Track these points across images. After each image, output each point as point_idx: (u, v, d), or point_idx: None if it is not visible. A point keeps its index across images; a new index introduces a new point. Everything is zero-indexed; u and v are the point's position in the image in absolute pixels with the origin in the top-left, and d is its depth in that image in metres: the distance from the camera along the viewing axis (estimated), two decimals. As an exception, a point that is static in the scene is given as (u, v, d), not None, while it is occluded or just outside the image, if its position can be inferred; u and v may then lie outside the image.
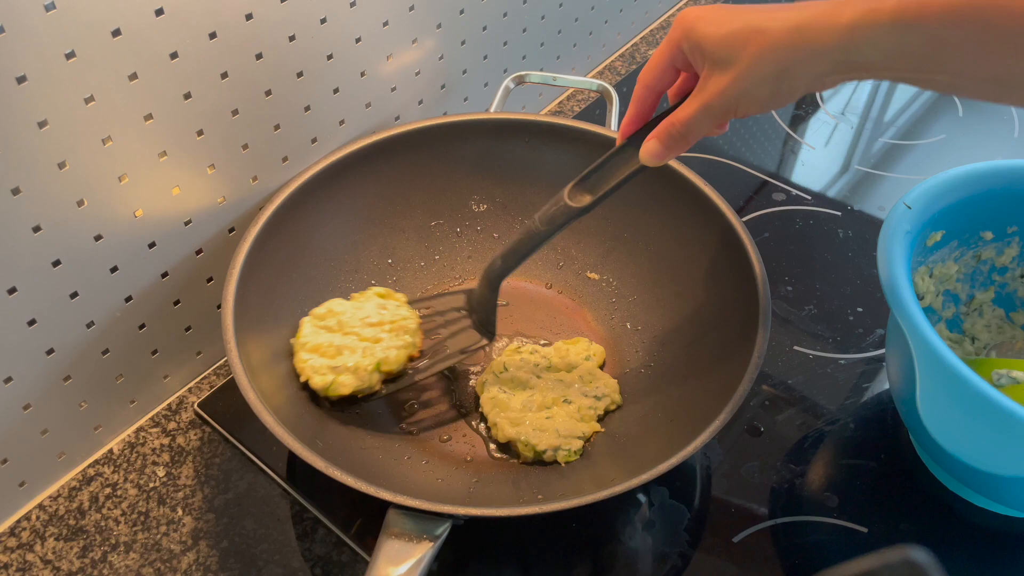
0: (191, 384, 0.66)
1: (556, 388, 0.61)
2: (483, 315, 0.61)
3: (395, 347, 0.59)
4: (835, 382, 0.66)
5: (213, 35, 0.53)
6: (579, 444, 0.58)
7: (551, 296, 0.71)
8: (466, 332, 0.62)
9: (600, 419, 0.61)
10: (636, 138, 0.52)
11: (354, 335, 0.59)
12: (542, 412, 0.60)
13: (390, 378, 0.60)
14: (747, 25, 0.43)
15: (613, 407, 0.62)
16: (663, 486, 0.59)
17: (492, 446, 0.60)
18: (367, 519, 0.57)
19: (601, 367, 0.64)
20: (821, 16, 0.41)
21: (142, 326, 0.60)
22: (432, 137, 0.68)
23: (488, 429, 0.61)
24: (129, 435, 0.63)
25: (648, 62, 0.49)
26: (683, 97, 0.49)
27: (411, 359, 0.60)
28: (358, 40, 0.64)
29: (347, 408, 0.60)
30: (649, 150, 0.49)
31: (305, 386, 0.58)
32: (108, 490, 0.59)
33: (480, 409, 0.61)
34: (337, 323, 0.59)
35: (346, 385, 0.56)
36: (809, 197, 0.82)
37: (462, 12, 0.73)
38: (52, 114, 0.47)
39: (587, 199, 0.53)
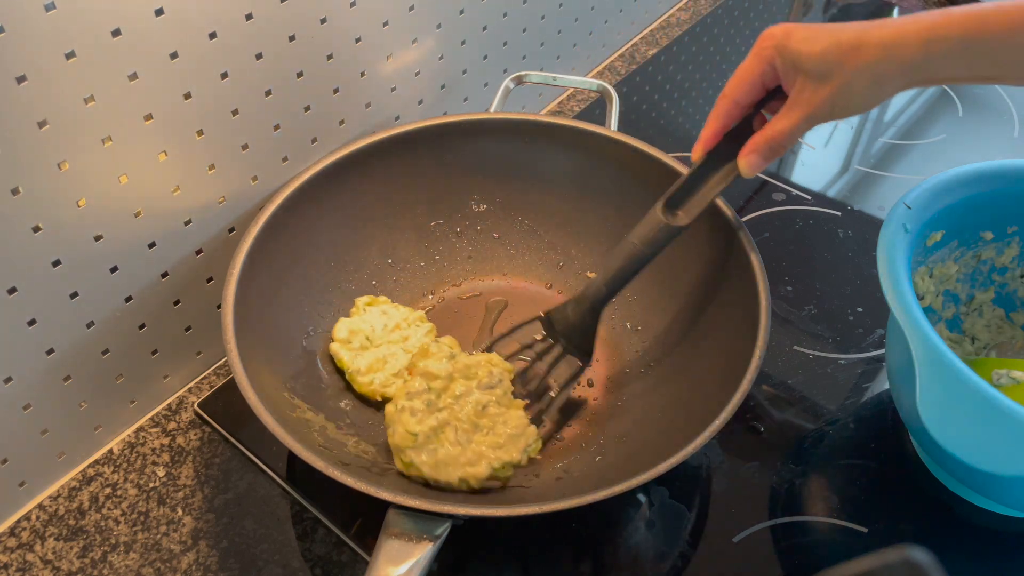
0: (191, 384, 0.66)
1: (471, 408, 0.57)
2: (580, 340, 0.61)
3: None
4: (835, 382, 0.66)
5: (213, 35, 0.53)
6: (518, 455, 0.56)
7: (551, 296, 0.71)
8: (564, 361, 0.61)
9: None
10: (718, 151, 0.55)
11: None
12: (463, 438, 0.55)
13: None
14: (841, 42, 0.47)
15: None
16: (663, 486, 0.59)
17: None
18: (367, 519, 0.57)
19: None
20: (904, 33, 0.46)
21: (142, 326, 0.60)
22: (432, 137, 0.68)
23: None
24: (129, 435, 0.63)
25: (734, 77, 0.53)
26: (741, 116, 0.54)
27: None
28: (358, 40, 0.64)
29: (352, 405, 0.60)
30: (750, 163, 0.53)
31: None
32: (108, 490, 0.59)
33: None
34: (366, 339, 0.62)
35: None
36: (809, 197, 0.82)
37: (462, 12, 0.73)
38: (52, 114, 0.47)
39: (685, 218, 0.56)
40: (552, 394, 0.62)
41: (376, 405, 0.61)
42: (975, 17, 0.44)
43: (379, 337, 0.63)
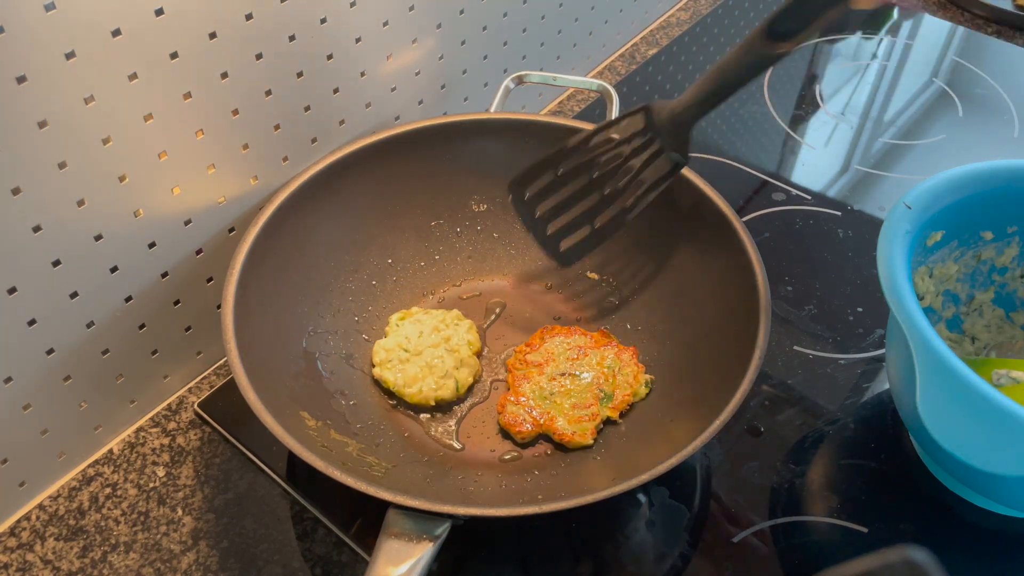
0: (191, 384, 0.66)
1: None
2: (675, 137, 0.57)
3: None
4: (835, 382, 0.66)
5: (213, 35, 0.53)
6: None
7: (551, 296, 0.71)
8: (659, 160, 0.59)
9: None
10: None
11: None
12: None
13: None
14: None
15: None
16: (663, 486, 0.59)
17: (494, 446, 0.60)
18: (367, 519, 0.57)
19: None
20: None
21: (142, 326, 0.60)
22: (432, 137, 0.68)
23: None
24: (129, 435, 0.63)
25: None
26: None
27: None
28: (358, 40, 0.64)
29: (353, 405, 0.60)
30: None
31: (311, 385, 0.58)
32: (108, 490, 0.59)
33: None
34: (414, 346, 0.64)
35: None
36: (809, 197, 0.82)
37: (462, 12, 0.73)
38: (52, 114, 0.47)
39: (786, 46, 0.52)
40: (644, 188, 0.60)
41: (428, 410, 0.63)
42: None
43: (418, 344, 0.63)
